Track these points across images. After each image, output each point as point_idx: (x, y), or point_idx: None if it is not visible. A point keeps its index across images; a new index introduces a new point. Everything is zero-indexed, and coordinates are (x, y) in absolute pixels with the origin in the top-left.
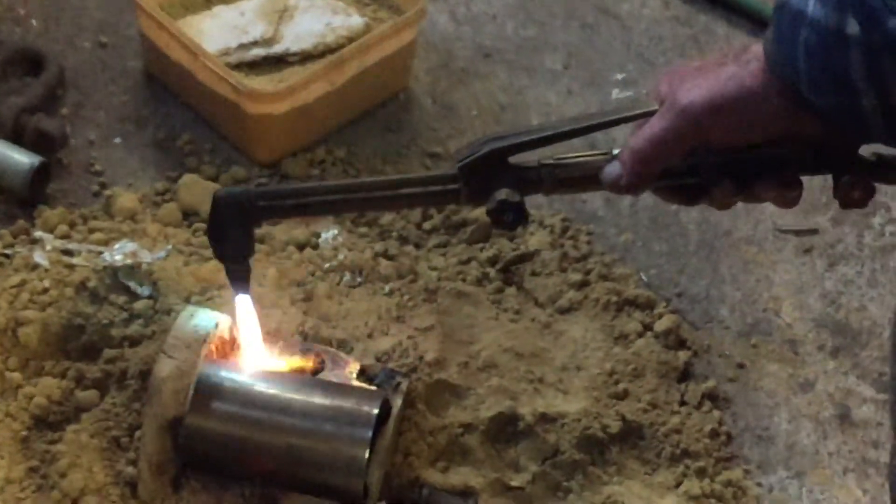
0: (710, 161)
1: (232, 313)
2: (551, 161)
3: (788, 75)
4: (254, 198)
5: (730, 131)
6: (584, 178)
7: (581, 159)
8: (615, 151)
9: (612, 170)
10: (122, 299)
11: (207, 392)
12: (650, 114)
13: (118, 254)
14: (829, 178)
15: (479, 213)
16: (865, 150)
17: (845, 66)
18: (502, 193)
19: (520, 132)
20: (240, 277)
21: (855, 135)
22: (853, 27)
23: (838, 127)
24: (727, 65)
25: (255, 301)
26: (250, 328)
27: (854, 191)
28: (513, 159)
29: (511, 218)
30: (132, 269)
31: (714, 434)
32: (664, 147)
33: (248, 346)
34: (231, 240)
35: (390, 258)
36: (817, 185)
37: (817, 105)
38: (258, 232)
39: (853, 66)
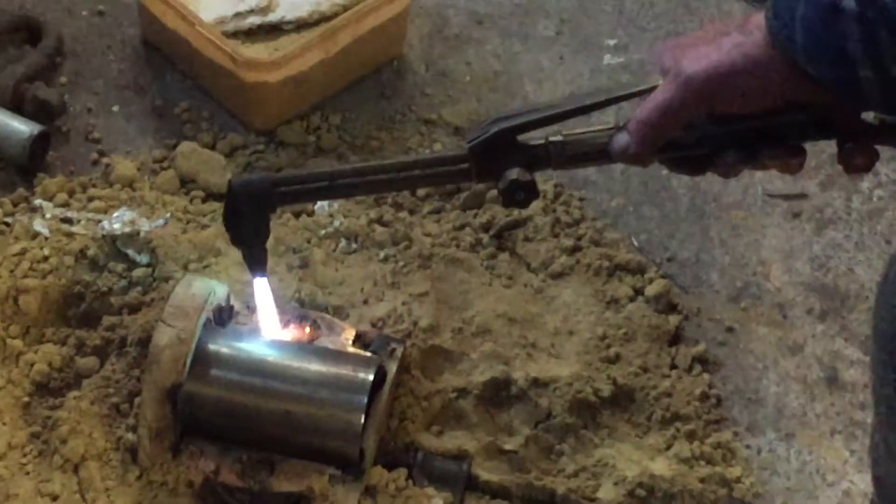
0: (715, 131)
1: (229, 282)
2: (559, 138)
3: (787, 47)
4: (269, 184)
5: (733, 100)
6: (592, 153)
7: (588, 134)
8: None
9: (620, 140)
10: (120, 267)
11: (206, 360)
12: (654, 89)
13: (117, 222)
14: (822, 142)
15: None
16: (868, 115)
17: (842, 39)
18: (513, 173)
19: (527, 111)
20: (257, 261)
21: (853, 104)
22: (849, 2)
23: (837, 97)
24: (730, 34)
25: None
26: (268, 310)
27: (857, 157)
28: (521, 137)
29: (522, 196)
30: (131, 237)
31: (704, 397)
32: (670, 116)
33: (265, 326)
34: (248, 225)
35: (385, 225)
36: (807, 150)
37: (815, 76)
38: None
39: (850, 40)
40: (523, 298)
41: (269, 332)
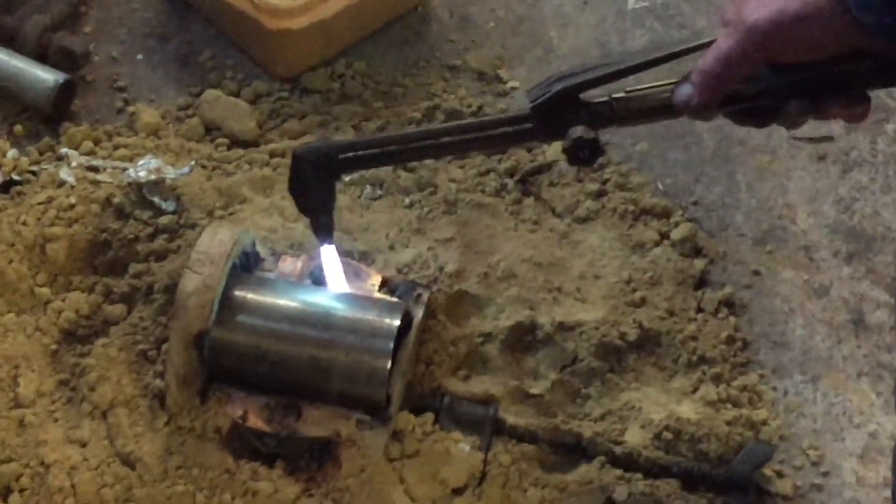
0: (779, 82)
1: (254, 228)
2: (622, 94)
3: None
4: (334, 151)
5: (795, 48)
6: (656, 107)
7: (651, 89)
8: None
9: (684, 91)
10: (146, 214)
11: (232, 306)
12: (710, 44)
13: (142, 170)
14: None
15: None
16: None
17: None
18: (577, 131)
19: (588, 68)
20: (324, 228)
21: None
22: None
23: (888, 44)
24: None
25: (281, 216)
26: (336, 277)
27: None
28: (583, 95)
29: (587, 154)
30: (156, 185)
31: (730, 340)
32: (732, 65)
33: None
34: (313, 193)
35: (410, 170)
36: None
37: (867, 24)
38: (280, 145)
39: None
40: (549, 243)
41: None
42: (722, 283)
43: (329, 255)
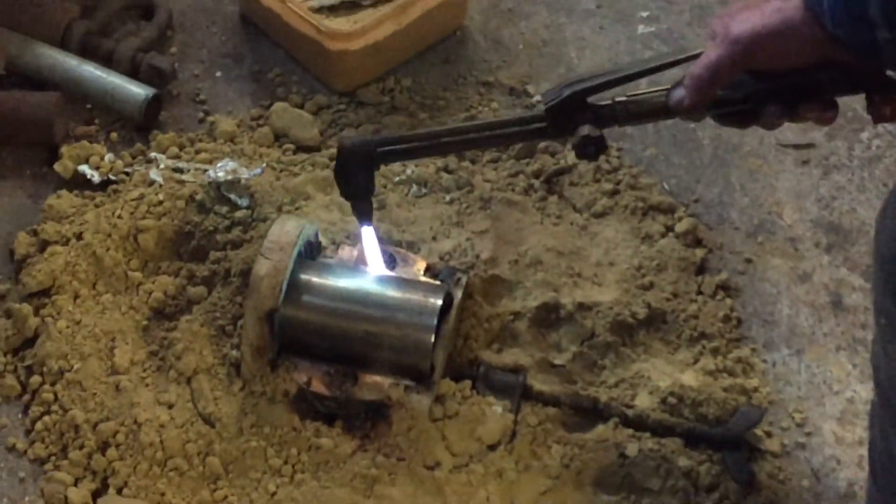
0: (759, 88)
1: (318, 221)
2: (624, 98)
3: (817, 11)
4: (374, 145)
5: (774, 58)
6: (652, 110)
7: (649, 94)
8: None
9: (677, 94)
10: (224, 209)
11: (298, 287)
12: (700, 55)
13: (221, 171)
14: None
15: None
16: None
17: (863, 4)
18: (584, 129)
19: (595, 75)
20: (364, 212)
21: (874, 63)
22: None
23: (859, 56)
24: (772, 1)
25: (340, 210)
26: (374, 255)
27: (885, 107)
28: (591, 99)
29: (593, 150)
30: (233, 184)
31: (726, 319)
32: (719, 72)
33: (373, 268)
34: (356, 182)
35: (450, 172)
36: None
37: (839, 37)
38: (334, 151)
39: (871, 6)
40: (570, 234)
41: (376, 271)
42: (719, 270)
43: (368, 236)
